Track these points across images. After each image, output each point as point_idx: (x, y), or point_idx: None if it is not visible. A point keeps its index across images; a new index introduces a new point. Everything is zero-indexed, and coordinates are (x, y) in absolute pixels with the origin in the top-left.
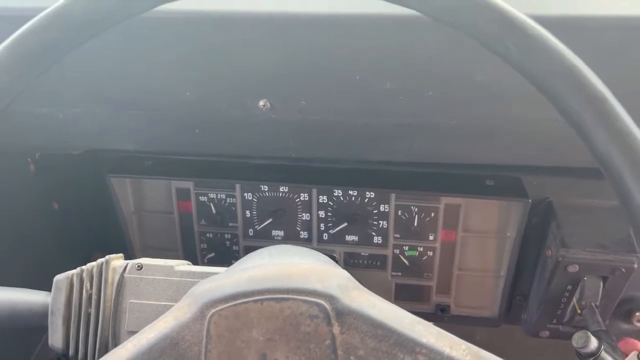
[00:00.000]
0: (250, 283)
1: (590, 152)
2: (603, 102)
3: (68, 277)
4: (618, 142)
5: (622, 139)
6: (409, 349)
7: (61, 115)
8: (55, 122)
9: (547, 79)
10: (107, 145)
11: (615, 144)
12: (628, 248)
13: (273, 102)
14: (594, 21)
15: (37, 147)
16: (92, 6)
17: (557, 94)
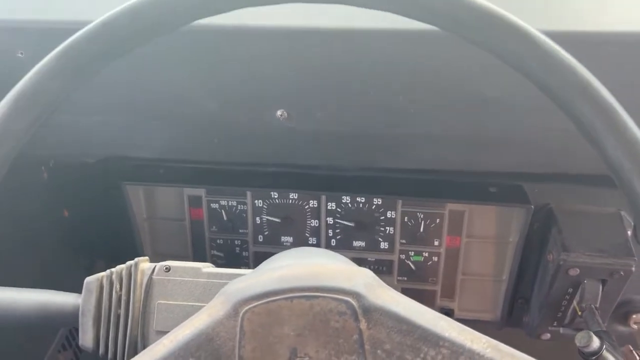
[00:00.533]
0: (282, 282)
1: (602, 159)
2: (614, 114)
3: (98, 279)
4: (629, 150)
5: (633, 147)
6: (432, 343)
7: (82, 124)
8: (76, 130)
9: (563, 91)
10: (126, 152)
11: (626, 152)
12: (626, 252)
13: (290, 112)
14: (594, 36)
15: (54, 155)
16: (137, 19)
17: (572, 106)
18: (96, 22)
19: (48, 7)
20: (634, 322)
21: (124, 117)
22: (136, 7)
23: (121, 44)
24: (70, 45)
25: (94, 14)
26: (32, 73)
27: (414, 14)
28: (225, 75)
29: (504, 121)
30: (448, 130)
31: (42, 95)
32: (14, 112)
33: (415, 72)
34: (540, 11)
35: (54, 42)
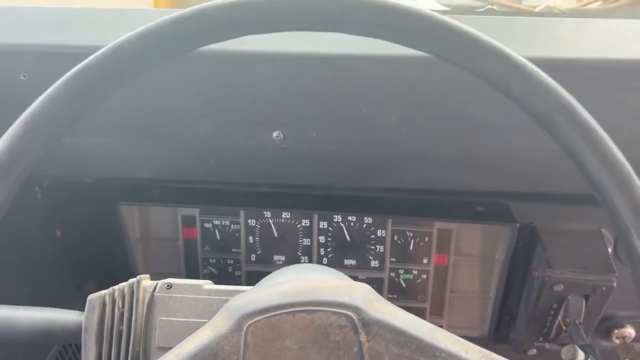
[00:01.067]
0: (284, 296)
1: (584, 178)
2: (595, 134)
3: (101, 296)
4: (609, 168)
5: (613, 166)
6: (429, 354)
7: (82, 145)
8: (76, 151)
9: (546, 114)
10: (124, 173)
11: (607, 170)
12: (608, 268)
13: (286, 134)
14: (574, 63)
15: (49, 175)
16: (142, 46)
17: (555, 127)
18: (106, 48)
19: (50, 30)
20: (616, 337)
21: (121, 138)
22: (146, 33)
23: (130, 69)
24: (80, 71)
25: (94, 38)
26: (43, 97)
27: (405, 42)
28: (222, 98)
29: (490, 142)
30: (437, 150)
31: (53, 119)
32: (25, 134)
33: (406, 95)
34: (522, 39)
35: (57, 65)
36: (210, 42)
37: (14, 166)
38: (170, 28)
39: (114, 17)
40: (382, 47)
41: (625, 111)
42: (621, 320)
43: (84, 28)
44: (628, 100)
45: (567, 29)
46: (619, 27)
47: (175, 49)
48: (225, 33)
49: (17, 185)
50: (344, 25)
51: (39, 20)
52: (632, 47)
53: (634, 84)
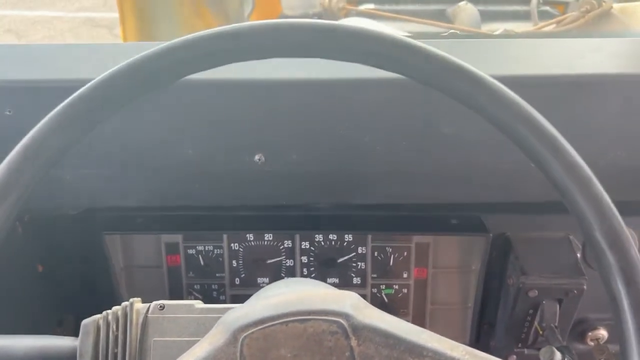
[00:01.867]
0: (277, 308)
1: (550, 183)
2: (557, 142)
3: (95, 320)
4: (571, 172)
5: (574, 170)
6: (417, 353)
7: (68, 177)
8: (61, 184)
9: (512, 126)
10: (109, 203)
11: (569, 175)
12: (578, 272)
13: (267, 156)
14: (538, 79)
15: (30, 210)
16: (130, 77)
17: (520, 137)
18: (94, 81)
19: (31, 66)
20: (591, 339)
21: (105, 169)
22: (134, 64)
23: (118, 100)
24: (71, 103)
25: (76, 73)
26: (37, 129)
27: (380, 65)
28: (204, 124)
29: (460, 156)
30: (411, 166)
31: (46, 149)
32: (21, 164)
33: (380, 115)
34: (484, 59)
35: (40, 100)
36: (195, 72)
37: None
38: (157, 59)
39: (92, 52)
40: (355, 70)
41: (578, 121)
42: (594, 322)
43: (64, 64)
44: (580, 110)
45: (523, 48)
46: (568, 45)
47: (162, 80)
48: (209, 62)
49: (12, 215)
50: (323, 52)
51: (19, 57)
52: (579, 62)
53: (584, 96)
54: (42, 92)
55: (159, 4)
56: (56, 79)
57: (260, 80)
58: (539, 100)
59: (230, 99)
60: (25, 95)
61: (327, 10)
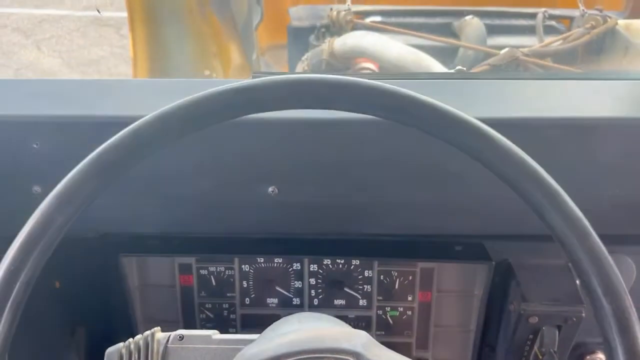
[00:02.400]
0: (291, 345)
1: (548, 230)
2: (557, 195)
3: (118, 349)
4: (569, 224)
5: (573, 223)
6: None
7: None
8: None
9: (518, 182)
10: (126, 229)
11: (568, 226)
12: (577, 300)
13: (280, 188)
14: (534, 121)
15: None
16: (162, 125)
17: (525, 192)
18: (126, 130)
19: (57, 101)
20: None
21: (125, 197)
22: (164, 115)
23: (148, 147)
24: (104, 151)
25: (102, 109)
26: (72, 174)
27: (393, 118)
28: (221, 158)
29: (466, 191)
30: (418, 200)
31: (80, 194)
32: (57, 207)
33: (390, 152)
34: (488, 99)
35: (66, 134)
36: (220, 122)
37: (45, 237)
38: (184, 110)
39: (114, 88)
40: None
41: (579, 161)
42: (592, 346)
43: (88, 99)
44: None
45: (529, 90)
46: (572, 88)
47: (190, 129)
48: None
49: (49, 250)
50: (338, 104)
51: (45, 92)
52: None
53: (586, 138)
54: (67, 127)
55: (168, 10)
56: (81, 115)
57: (275, 119)
58: (542, 141)
59: (247, 135)
60: (52, 130)
61: (334, 23)
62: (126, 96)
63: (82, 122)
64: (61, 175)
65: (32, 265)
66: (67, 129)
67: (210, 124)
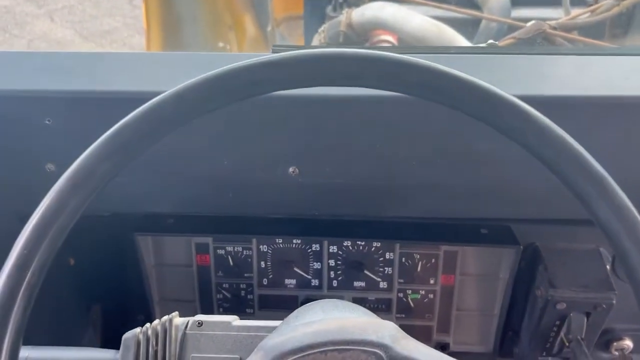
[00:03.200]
0: (316, 336)
1: (593, 220)
2: (604, 182)
3: (135, 334)
4: (618, 214)
5: (621, 212)
6: None
7: None
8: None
9: (559, 164)
10: (142, 208)
11: (616, 216)
12: (607, 287)
13: (301, 169)
14: (572, 100)
15: None
16: (180, 103)
17: (567, 177)
18: (143, 108)
19: (71, 75)
20: (615, 349)
21: (144, 175)
22: (180, 92)
23: (166, 126)
24: (119, 130)
25: (116, 84)
26: (86, 154)
27: (425, 96)
28: (241, 137)
29: (494, 172)
30: (444, 181)
31: (95, 175)
32: (70, 190)
33: (416, 131)
34: (525, 77)
35: (80, 110)
36: (239, 100)
37: (59, 221)
38: (204, 87)
39: (128, 61)
40: None
41: (620, 143)
42: (619, 333)
43: (102, 74)
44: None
45: (564, 67)
46: (611, 65)
47: (215, 103)
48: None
49: (61, 237)
50: (367, 81)
51: (57, 65)
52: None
53: (625, 118)
54: (80, 102)
55: None
56: (95, 90)
57: (297, 96)
58: (582, 121)
59: (268, 113)
60: (65, 106)
61: None
62: (141, 70)
63: (95, 97)
64: (75, 153)
65: (46, 250)
66: (80, 104)
67: (231, 101)
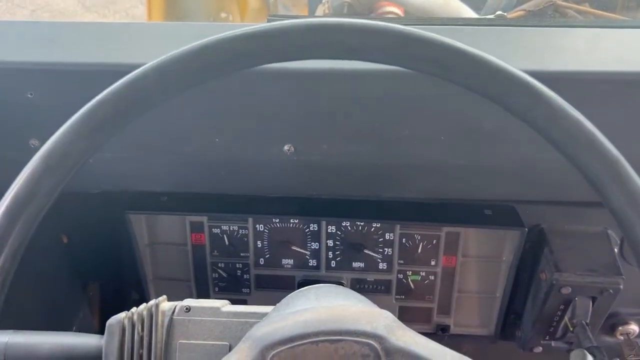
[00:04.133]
0: (307, 326)
1: (605, 206)
2: (617, 165)
3: (120, 320)
4: (631, 201)
5: (635, 199)
6: None
7: (91, 160)
8: (84, 166)
9: (569, 145)
10: (132, 186)
11: (629, 202)
12: (614, 271)
13: (297, 147)
14: (586, 75)
15: None
16: (160, 77)
17: (578, 158)
18: (121, 82)
19: (54, 47)
20: (620, 333)
21: (134, 153)
22: (163, 65)
23: (147, 102)
24: (97, 105)
25: (100, 55)
26: (60, 132)
27: (428, 70)
28: (234, 113)
29: (499, 152)
30: (448, 161)
31: (71, 154)
32: (45, 170)
33: (419, 108)
34: (536, 50)
35: (63, 83)
36: (226, 74)
37: (33, 204)
38: (187, 59)
39: (114, 32)
40: None
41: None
42: (625, 317)
43: (87, 45)
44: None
45: (578, 40)
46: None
47: (197, 78)
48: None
49: (36, 221)
50: (368, 54)
51: (41, 36)
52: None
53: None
54: (64, 75)
55: None
56: (79, 62)
57: (292, 70)
58: (595, 99)
59: (261, 88)
60: (47, 78)
61: None
62: (135, 41)
63: (79, 69)
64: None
65: (19, 235)
66: (62, 77)
67: (216, 75)
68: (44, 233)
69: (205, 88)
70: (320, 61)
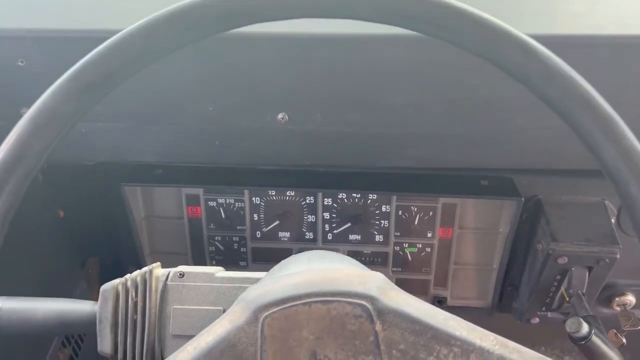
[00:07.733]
0: (299, 287)
1: (599, 166)
2: (612, 123)
3: (114, 286)
4: (626, 158)
5: (629, 155)
6: (444, 342)
7: (84, 130)
8: (77, 136)
9: (563, 103)
10: (126, 157)
11: (624, 160)
12: (611, 240)
13: (291, 115)
14: (585, 39)
15: (51, 159)
16: (149, 37)
17: (571, 116)
18: (108, 42)
19: (46, 13)
20: (617, 304)
21: (126, 123)
22: (150, 24)
23: (133, 63)
24: (84, 66)
25: (92, 22)
26: (48, 94)
27: (419, 29)
28: (227, 80)
29: (496, 120)
30: (443, 129)
31: (58, 117)
32: (33, 132)
33: (413, 75)
34: (533, 14)
35: (54, 51)
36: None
37: (21, 166)
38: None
39: None
40: (388, 27)
41: (635, 89)
42: (622, 288)
43: (78, 11)
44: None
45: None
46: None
47: (185, 39)
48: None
49: (24, 185)
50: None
51: (31, 2)
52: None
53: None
54: (55, 42)
55: None
56: (70, 29)
57: (285, 34)
58: (592, 62)
59: (254, 54)
60: (38, 46)
61: None
62: (127, 7)
63: (70, 36)
64: None
65: (9, 197)
66: (54, 44)
67: (205, 35)
68: (41, 208)
69: (198, 55)
70: (313, 25)
